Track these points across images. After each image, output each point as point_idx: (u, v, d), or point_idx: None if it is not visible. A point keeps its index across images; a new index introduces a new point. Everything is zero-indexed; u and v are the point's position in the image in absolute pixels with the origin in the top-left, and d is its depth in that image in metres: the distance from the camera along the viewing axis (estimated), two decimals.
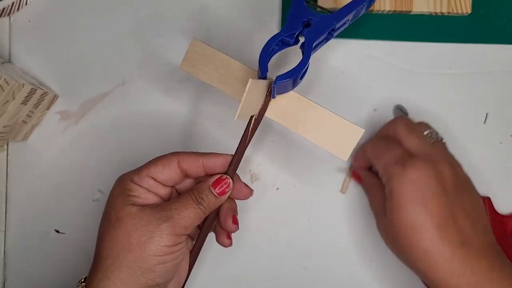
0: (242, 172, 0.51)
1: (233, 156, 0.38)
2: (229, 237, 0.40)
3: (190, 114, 0.52)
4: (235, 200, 0.41)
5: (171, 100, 0.52)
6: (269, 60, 0.37)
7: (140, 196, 0.36)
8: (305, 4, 0.37)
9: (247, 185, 0.40)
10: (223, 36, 0.52)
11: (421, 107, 0.50)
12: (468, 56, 0.51)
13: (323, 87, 0.51)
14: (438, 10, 0.49)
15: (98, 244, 0.36)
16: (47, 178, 0.52)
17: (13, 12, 0.52)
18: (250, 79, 0.34)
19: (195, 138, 0.52)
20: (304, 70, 0.37)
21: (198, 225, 0.39)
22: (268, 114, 0.40)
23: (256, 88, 0.36)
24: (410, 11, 0.49)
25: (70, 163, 0.52)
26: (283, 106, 0.39)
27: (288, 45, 0.38)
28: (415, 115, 0.50)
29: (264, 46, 0.36)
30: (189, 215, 0.35)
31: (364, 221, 0.50)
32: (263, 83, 0.37)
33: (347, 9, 0.37)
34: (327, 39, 0.39)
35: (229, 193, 0.38)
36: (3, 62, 0.50)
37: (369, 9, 0.49)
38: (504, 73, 0.51)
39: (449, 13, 0.49)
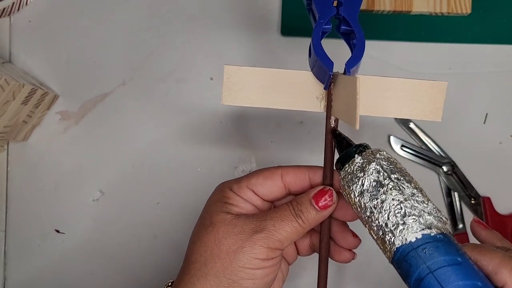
0: (241, 173, 0.51)
1: (324, 167, 0.34)
2: (351, 250, 0.36)
3: (191, 113, 0.52)
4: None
5: (171, 100, 0.52)
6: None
7: (238, 204, 0.34)
8: None
9: None
10: (223, 37, 0.52)
11: None
12: (468, 56, 0.51)
13: None
14: (438, 10, 0.49)
15: (189, 247, 0.34)
16: (47, 178, 0.52)
17: (14, 13, 0.52)
18: (358, 76, 0.30)
19: (196, 138, 0.52)
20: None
21: (297, 250, 0.37)
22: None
23: (346, 85, 0.32)
24: (410, 11, 0.49)
25: (70, 163, 0.52)
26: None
27: (326, 33, 0.34)
28: None
29: (313, 39, 0.32)
30: (284, 228, 0.32)
31: None
32: (350, 77, 0.33)
33: None
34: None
35: (332, 207, 0.33)
36: (3, 62, 0.50)
37: (369, 9, 0.49)
38: (504, 73, 0.51)
39: (449, 13, 0.49)
